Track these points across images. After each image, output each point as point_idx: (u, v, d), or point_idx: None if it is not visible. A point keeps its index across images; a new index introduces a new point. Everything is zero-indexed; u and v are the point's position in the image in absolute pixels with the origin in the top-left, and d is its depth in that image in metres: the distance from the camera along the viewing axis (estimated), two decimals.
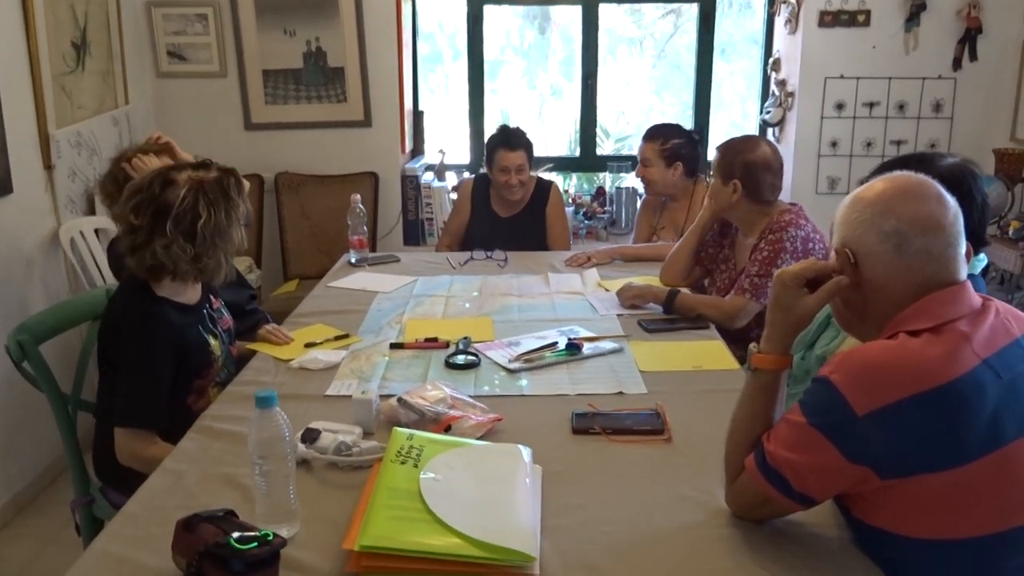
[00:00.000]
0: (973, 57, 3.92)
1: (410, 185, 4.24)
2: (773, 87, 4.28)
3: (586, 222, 4.30)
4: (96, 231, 3.44)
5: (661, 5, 5.51)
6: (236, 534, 1.19)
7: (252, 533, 1.20)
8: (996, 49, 3.90)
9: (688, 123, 4.51)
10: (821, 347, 1.98)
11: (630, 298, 2.50)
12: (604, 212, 4.37)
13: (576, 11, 4.43)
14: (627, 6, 5.16)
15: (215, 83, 4.09)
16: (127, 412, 1.89)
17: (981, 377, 1.16)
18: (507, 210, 3.47)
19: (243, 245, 2.07)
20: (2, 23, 2.92)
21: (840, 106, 4.04)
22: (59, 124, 3.27)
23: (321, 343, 2.24)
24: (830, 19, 3.93)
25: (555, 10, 4.87)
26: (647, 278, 2.75)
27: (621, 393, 1.90)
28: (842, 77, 4.00)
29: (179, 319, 1.99)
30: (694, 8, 4.48)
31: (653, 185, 3.16)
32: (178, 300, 2.02)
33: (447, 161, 4.46)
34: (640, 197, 4.38)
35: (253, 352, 2.25)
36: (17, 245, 3.08)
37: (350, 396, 1.83)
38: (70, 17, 3.36)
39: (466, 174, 4.46)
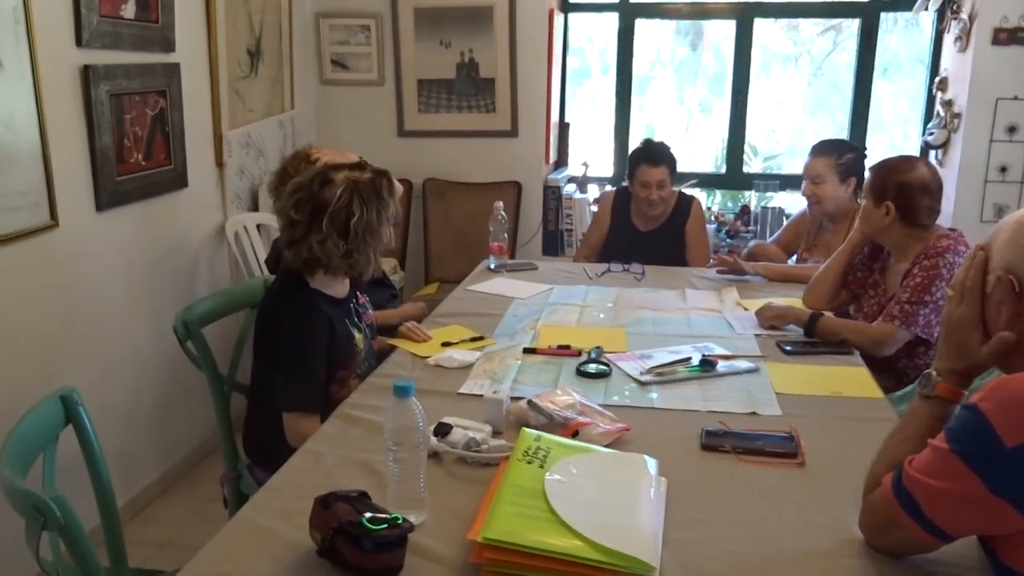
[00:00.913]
0: None
1: (551, 196, 4.29)
2: (938, 107, 4.06)
3: (728, 240, 4.21)
4: (258, 226, 3.68)
5: (821, 21, 5.35)
6: (369, 514, 1.25)
7: (384, 515, 1.26)
8: None
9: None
10: (978, 382, 1.86)
11: (770, 318, 2.44)
12: (748, 231, 4.27)
13: (730, 26, 4.36)
14: (784, 22, 5.05)
15: (373, 91, 4.29)
16: (293, 397, 2.01)
17: None
18: (647, 224, 3.45)
19: (391, 244, 2.16)
20: (188, 29, 3.18)
21: (1012, 129, 3.78)
22: (231, 125, 3.53)
23: (457, 343, 2.31)
24: (1005, 37, 3.69)
25: (708, 25, 4.81)
26: (789, 299, 2.67)
27: (754, 413, 1.86)
28: (1016, 99, 3.75)
29: (330, 311, 2.11)
30: (855, 24, 4.31)
31: (824, 203, 3.05)
32: (329, 293, 2.13)
33: (590, 174, 4.49)
34: (787, 217, 4.28)
35: (392, 347, 2.35)
36: (188, 235, 3.34)
37: (482, 395, 1.89)
38: (247, 25, 3.62)
39: (608, 187, 4.47)
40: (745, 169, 4.61)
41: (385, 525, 1.24)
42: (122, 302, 2.94)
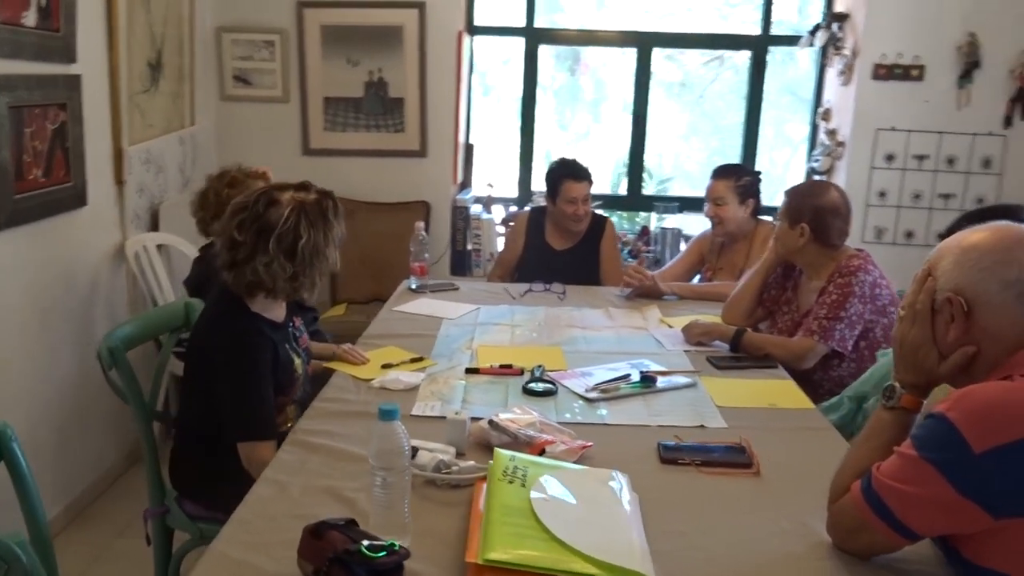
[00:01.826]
0: None
1: (460, 216, 4.31)
2: (822, 136, 4.34)
3: (630, 259, 4.34)
4: (158, 246, 3.51)
5: (708, 52, 5.63)
6: (366, 542, 1.22)
7: (380, 542, 1.24)
8: None
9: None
10: None
11: (697, 335, 2.54)
12: (649, 251, 4.42)
13: (607, 54, 4.53)
14: (670, 51, 5.27)
15: (277, 108, 4.20)
16: (248, 425, 1.94)
17: None
18: (562, 243, 3.52)
19: (337, 267, 2.12)
20: (89, 39, 3.02)
21: (890, 157, 4.10)
22: (131, 141, 3.36)
23: (398, 365, 2.29)
24: (885, 72, 4.00)
25: (586, 52, 4.94)
26: (708, 316, 2.79)
27: (702, 426, 1.93)
28: (893, 129, 4.06)
29: (272, 335, 2.04)
30: (735, 57, 4.57)
31: (725, 223, 3.20)
32: (268, 317, 2.07)
33: (494, 195, 4.54)
34: (685, 240, 4.46)
35: (328, 371, 2.30)
36: (86, 257, 3.15)
37: (436, 417, 1.88)
38: (148, 37, 3.47)
39: (525, 208, 4.53)
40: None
41: (383, 552, 1.21)
42: (18, 326, 2.74)
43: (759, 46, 4.46)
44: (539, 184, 4.70)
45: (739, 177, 3.22)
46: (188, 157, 3.85)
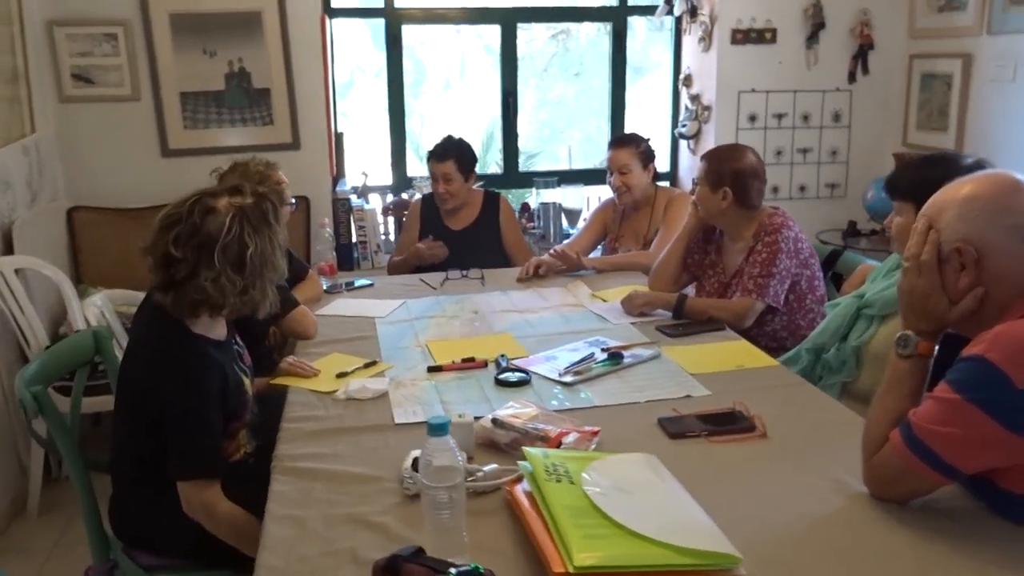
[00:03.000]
0: (865, 71, 4.29)
1: (341, 208, 4.11)
2: (686, 102, 4.49)
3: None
4: (16, 271, 3.10)
5: (554, 25, 5.69)
6: (453, 570, 1.13)
7: (465, 567, 1.15)
8: (885, 63, 4.28)
9: (604, 138, 4.67)
10: (855, 339, 2.11)
11: (639, 305, 2.56)
12: (534, 227, 4.42)
13: (424, 32, 4.44)
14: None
15: (127, 107, 3.81)
16: (191, 463, 1.74)
17: None
18: (458, 223, 3.46)
19: (285, 273, 1.95)
20: None
21: (753, 118, 4.30)
22: None
23: (353, 372, 2.15)
24: (741, 37, 4.18)
25: (406, 30, 4.84)
26: (635, 286, 2.82)
27: (689, 396, 1.95)
28: (753, 91, 4.26)
29: (219, 356, 1.86)
30: (582, 29, 4.63)
31: (633, 191, 3.24)
32: (213, 337, 1.88)
33: (368, 183, 4.38)
34: (566, 214, 4.50)
35: (273, 388, 2.13)
36: None
37: (422, 423, 1.78)
38: None
39: (390, 196, 4.40)
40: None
41: None
42: None
43: (618, 17, 4.54)
44: (415, 169, 4.61)
45: (639, 144, 3.29)
46: (34, 168, 3.43)
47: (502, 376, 2.08)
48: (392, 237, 4.22)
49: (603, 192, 4.71)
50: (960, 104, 3.89)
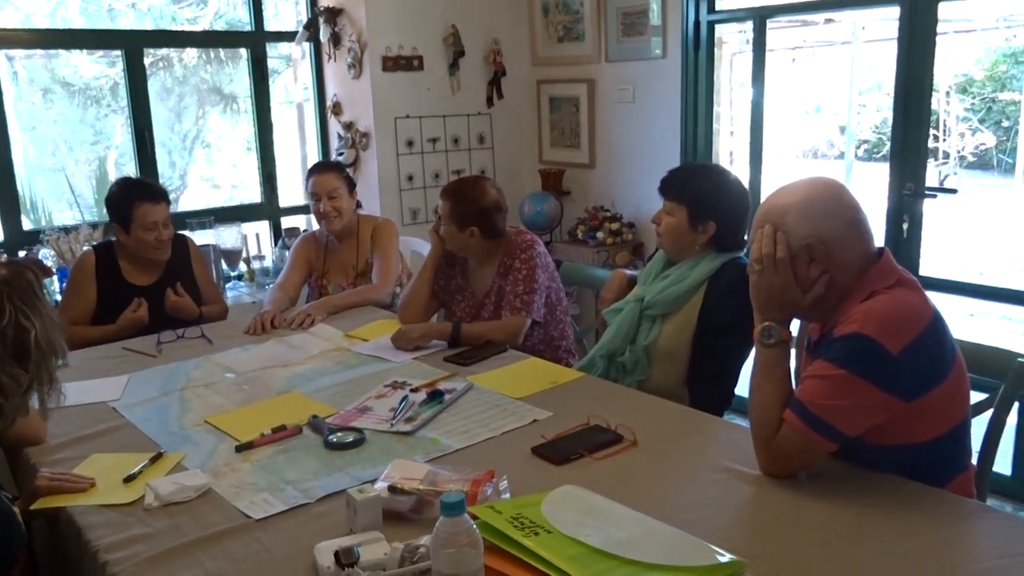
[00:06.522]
0: (500, 95, 4.63)
1: None
2: (339, 130, 4.41)
3: None
4: None
5: (152, 51, 5.17)
6: None
7: None
8: (516, 88, 4.66)
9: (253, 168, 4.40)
10: (643, 340, 2.29)
11: (415, 340, 2.46)
12: None
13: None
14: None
15: None
16: None
17: None
18: (146, 277, 2.97)
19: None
20: None
21: (410, 143, 4.38)
22: None
23: (141, 472, 1.73)
24: (392, 64, 4.23)
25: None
26: (383, 321, 2.72)
27: (535, 421, 1.93)
28: (408, 116, 4.34)
29: None
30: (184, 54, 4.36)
31: (343, 215, 3.09)
32: None
33: None
34: (224, 256, 4.10)
35: (30, 514, 1.64)
36: None
37: (282, 512, 1.53)
38: None
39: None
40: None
41: None
42: None
43: (256, 43, 4.29)
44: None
45: (341, 169, 3.22)
46: None
47: (333, 438, 1.85)
48: None
49: (260, 228, 4.44)
50: (589, 123, 4.41)
